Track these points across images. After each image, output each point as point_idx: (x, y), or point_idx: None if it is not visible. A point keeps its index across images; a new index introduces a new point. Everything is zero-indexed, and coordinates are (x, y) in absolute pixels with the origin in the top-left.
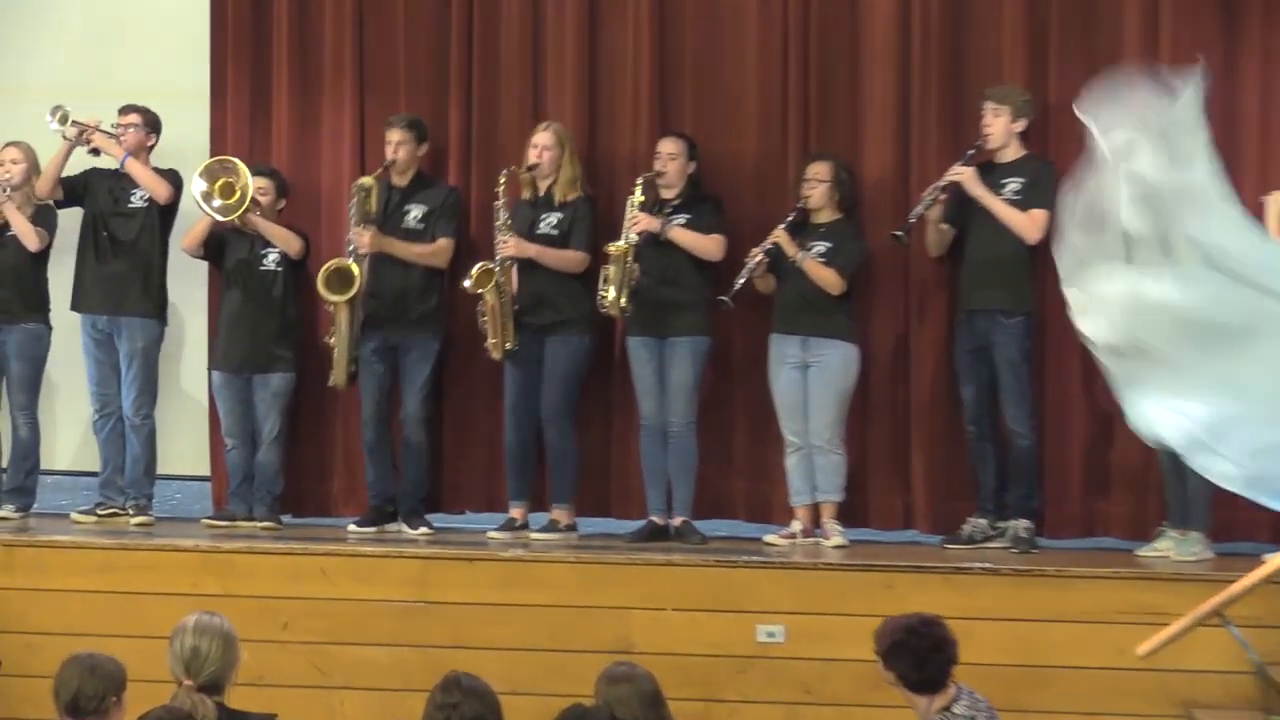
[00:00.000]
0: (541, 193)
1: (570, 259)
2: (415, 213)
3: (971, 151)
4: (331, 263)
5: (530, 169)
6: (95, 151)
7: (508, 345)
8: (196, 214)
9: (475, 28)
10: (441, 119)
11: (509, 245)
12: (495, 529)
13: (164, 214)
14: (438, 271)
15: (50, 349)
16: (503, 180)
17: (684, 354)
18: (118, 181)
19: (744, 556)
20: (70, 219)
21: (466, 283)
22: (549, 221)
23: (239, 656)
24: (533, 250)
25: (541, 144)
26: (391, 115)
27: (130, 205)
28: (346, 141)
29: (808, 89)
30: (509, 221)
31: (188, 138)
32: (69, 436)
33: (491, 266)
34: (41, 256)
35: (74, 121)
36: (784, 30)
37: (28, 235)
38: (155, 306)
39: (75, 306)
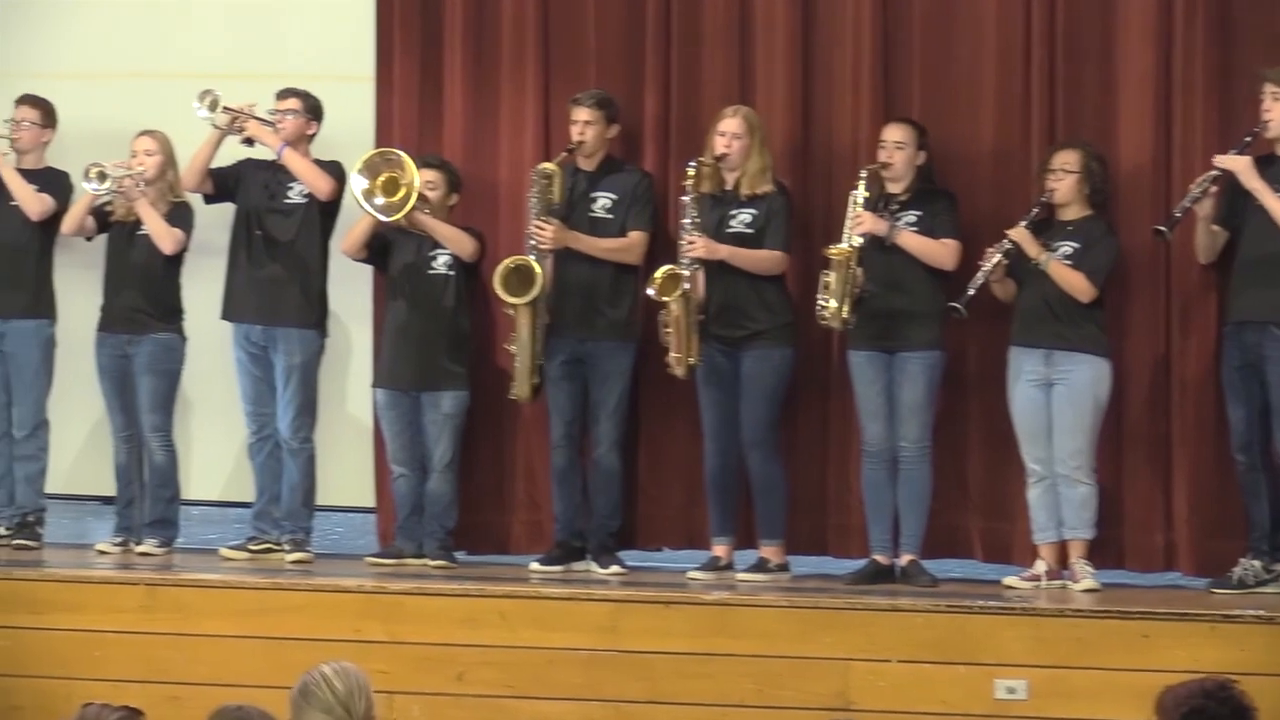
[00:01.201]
0: (729, 186)
1: (766, 260)
2: (604, 201)
3: (1248, 139)
4: (510, 260)
5: (717, 159)
6: (249, 141)
7: (691, 360)
8: (358, 212)
9: (674, 0)
10: (636, 100)
11: (698, 245)
12: (696, 568)
13: (324, 211)
14: (630, 269)
15: (185, 362)
16: (691, 174)
17: (916, 370)
18: (274, 174)
19: (980, 601)
20: (214, 215)
21: (650, 290)
22: (740, 219)
23: (351, 707)
24: (724, 251)
25: (730, 131)
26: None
27: (287, 201)
28: (528, 129)
29: (1053, 66)
30: (697, 219)
31: (350, 126)
32: (212, 461)
33: (678, 271)
34: (176, 259)
35: (225, 107)
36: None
37: (162, 236)
38: (315, 316)
39: (226, 315)
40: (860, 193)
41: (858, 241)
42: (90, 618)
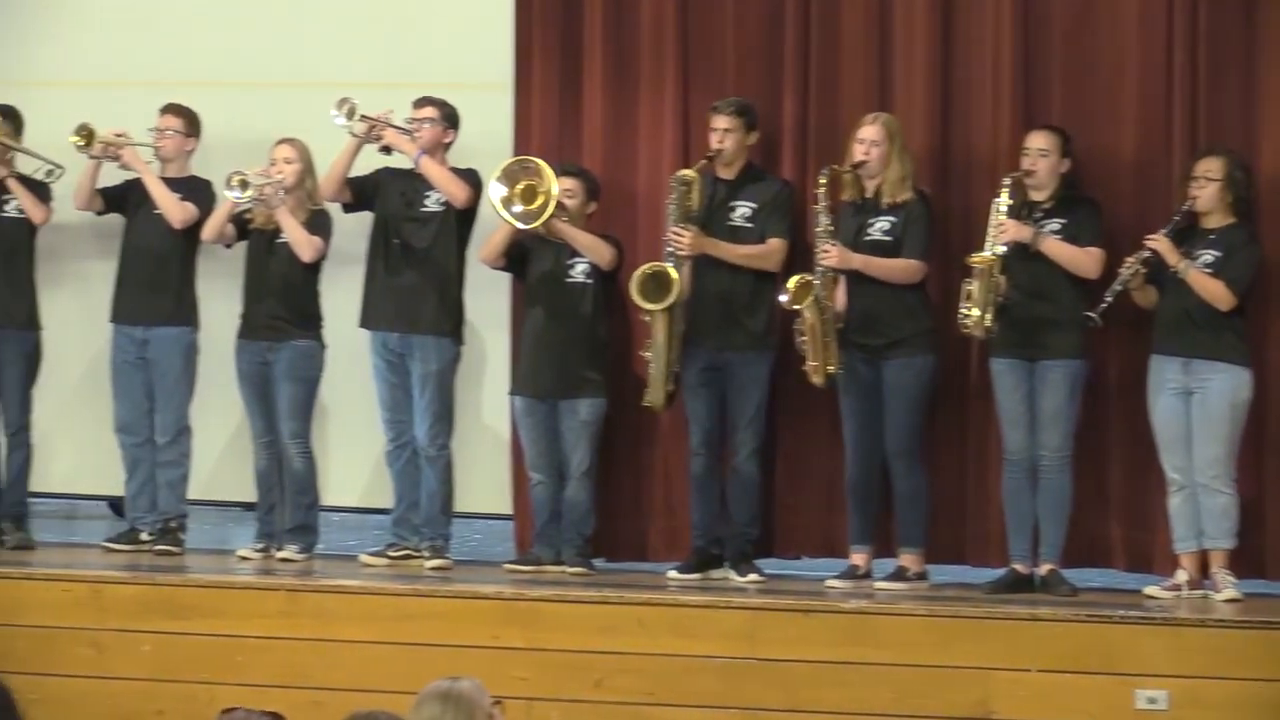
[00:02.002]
0: (868, 194)
1: (902, 269)
2: (743, 209)
3: None
4: (647, 266)
5: (855, 167)
6: (386, 149)
7: (830, 368)
8: (496, 220)
9: (813, 6)
10: (774, 107)
11: (831, 254)
12: (834, 577)
13: (461, 219)
14: (768, 278)
15: (324, 369)
16: (823, 181)
17: (1058, 379)
18: (411, 182)
19: (1121, 611)
20: (352, 223)
21: (783, 297)
22: (879, 227)
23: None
24: (858, 261)
25: (869, 138)
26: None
27: (424, 209)
28: (667, 136)
29: (1195, 73)
30: (831, 227)
31: (488, 133)
32: (351, 468)
33: (811, 279)
34: (314, 266)
35: (362, 115)
36: (1169, 5)
37: (302, 243)
38: (451, 324)
39: (364, 323)
40: (1003, 200)
41: (1001, 249)
42: (232, 623)
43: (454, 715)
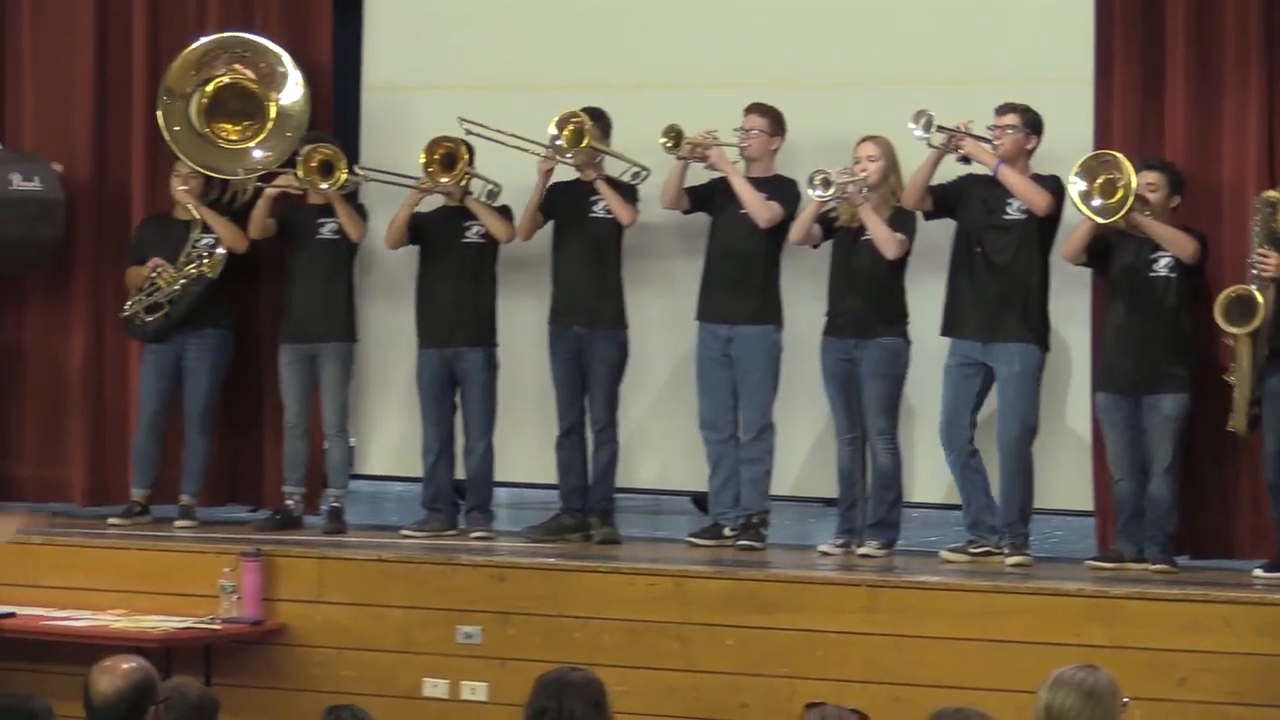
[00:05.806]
0: None
1: None
2: None
3: None
4: (1231, 290)
5: None
6: (965, 159)
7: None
8: (1079, 218)
9: None
10: None
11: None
12: None
13: (1043, 226)
14: None
15: (910, 366)
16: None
17: None
18: (992, 190)
19: None
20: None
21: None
22: None
23: (1113, 715)
24: None
25: None
26: None
27: (1005, 216)
28: (1251, 130)
29: None
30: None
31: (1067, 129)
32: (933, 465)
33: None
34: (900, 263)
35: (939, 127)
36: None
37: (885, 240)
38: (1034, 331)
39: (946, 331)
40: None
41: None
42: (813, 618)
43: (1091, 713)
